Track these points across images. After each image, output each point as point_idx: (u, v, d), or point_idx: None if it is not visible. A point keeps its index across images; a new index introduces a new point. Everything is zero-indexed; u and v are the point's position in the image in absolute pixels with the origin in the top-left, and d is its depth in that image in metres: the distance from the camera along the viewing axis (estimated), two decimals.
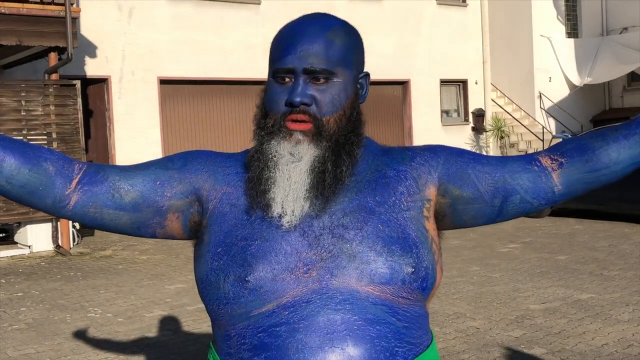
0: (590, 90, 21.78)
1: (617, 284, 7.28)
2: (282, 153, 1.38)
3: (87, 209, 1.46)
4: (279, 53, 1.40)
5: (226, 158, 1.53)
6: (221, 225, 1.43)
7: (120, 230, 1.50)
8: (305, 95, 1.37)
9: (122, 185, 1.46)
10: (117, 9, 13.84)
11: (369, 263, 1.35)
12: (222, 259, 1.39)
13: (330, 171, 1.37)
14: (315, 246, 1.36)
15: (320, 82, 1.39)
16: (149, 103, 14.29)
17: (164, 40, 14.44)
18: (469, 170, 1.47)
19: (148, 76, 14.26)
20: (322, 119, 1.38)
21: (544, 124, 20.55)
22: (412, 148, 1.54)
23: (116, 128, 13.89)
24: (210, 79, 15.06)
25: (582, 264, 8.38)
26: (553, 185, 1.46)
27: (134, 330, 6.14)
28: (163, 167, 1.50)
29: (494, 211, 1.47)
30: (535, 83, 20.82)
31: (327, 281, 1.34)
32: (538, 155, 1.49)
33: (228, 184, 1.47)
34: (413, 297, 1.38)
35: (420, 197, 1.45)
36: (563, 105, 21.13)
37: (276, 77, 1.40)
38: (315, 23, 1.41)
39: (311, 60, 1.37)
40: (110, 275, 8.68)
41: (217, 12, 15.11)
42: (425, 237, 1.42)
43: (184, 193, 1.47)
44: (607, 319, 5.97)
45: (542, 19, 20.88)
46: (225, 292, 1.37)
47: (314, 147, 1.38)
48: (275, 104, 1.40)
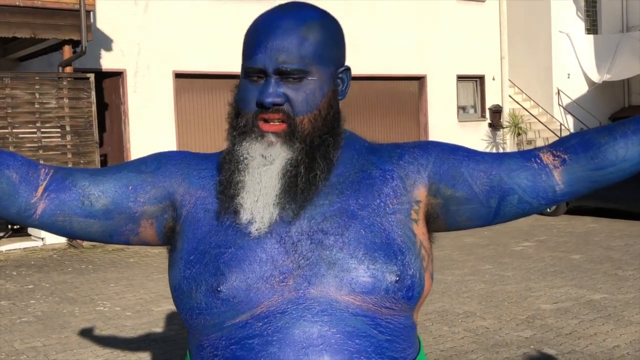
0: (610, 87, 21.52)
1: (632, 284, 7.16)
2: (254, 155, 1.30)
3: (55, 218, 1.38)
4: (249, 50, 1.32)
5: (201, 160, 1.44)
6: (194, 232, 1.35)
7: (91, 238, 1.42)
8: (277, 95, 1.29)
9: (92, 191, 1.38)
10: (133, 2, 13.83)
11: (350, 271, 1.26)
12: (194, 267, 1.31)
13: (303, 175, 1.29)
14: (292, 253, 1.28)
15: (293, 80, 1.30)
16: (164, 97, 14.29)
17: (180, 33, 14.42)
18: (462, 168, 1.37)
19: (163, 70, 14.25)
20: (295, 118, 1.30)
21: (561, 121, 20.34)
22: (402, 145, 1.43)
23: (131, 122, 13.90)
24: (226, 73, 15.02)
25: (597, 263, 8.26)
26: (554, 184, 1.35)
27: (142, 324, 6.12)
28: (136, 170, 1.41)
29: (490, 212, 1.38)
30: (553, 79, 20.60)
31: (304, 290, 1.26)
32: (538, 151, 1.38)
33: (203, 188, 1.39)
34: (398, 307, 1.29)
35: (407, 198, 1.36)
36: (581, 102, 20.90)
37: (247, 75, 1.32)
38: (288, 17, 1.32)
39: (282, 59, 1.28)
40: (121, 269, 8.68)
41: (234, 6, 15.07)
42: (413, 243, 1.33)
43: (157, 198, 1.40)
44: (620, 320, 5.87)
45: (561, 15, 20.65)
46: (198, 302, 1.29)
47: (286, 149, 1.30)
48: (247, 103, 1.32)
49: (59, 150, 10.29)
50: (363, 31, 16.53)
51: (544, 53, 20.64)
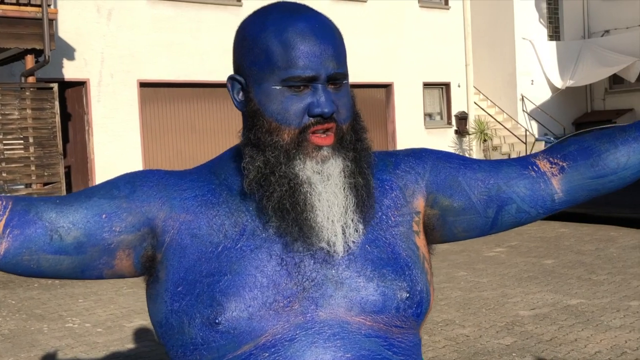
0: (572, 93, 21.81)
1: (606, 288, 7.18)
2: (309, 173, 1.17)
3: (20, 257, 1.20)
4: (290, 57, 1.17)
5: (179, 179, 1.29)
6: (181, 260, 1.21)
7: (61, 276, 1.25)
8: (333, 104, 1.18)
9: (60, 223, 1.21)
10: (95, 10, 13.59)
11: (359, 290, 1.17)
12: (184, 299, 1.19)
13: (363, 185, 1.20)
14: (295, 275, 1.18)
15: (336, 86, 1.20)
16: (129, 106, 14.05)
17: (144, 42, 14.21)
18: (459, 177, 1.31)
19: (128, 79, 14.03)
20: (342, 126, 1.20)
21: (526, 126, 20.53)
22: (395, 153, 1.36)
23: (95, 132, 13.63)
24: (191, 81, 14.85)
25: (570, 268, 8.28)
26: (553, 193, 1.30)
27: (114, 341, 5.93)
28: (108, 196, 1.24)
29: (488, 222, 1.32)
30: (517, 86, 20.81)
31: (312, 313, 1.16)
32: (535, 158, 1.32)
33: (186, 211, 1.24)
34: (407, 325, 1.21)
35: (408, 209, 1.28)
36: (545, 108, 21.14)
37: (288, 84, 1.18)
38: (318, 18, 1.22)
39: (333, 65, 1.18)
40: (89, 284, 8.45)
41: (197, 14, 14.91)
42: (417, 256, 1.26)
43: (135, 226, 1.23)
44: (599, 325, 5.85)
45: (524, 22, 20.89)
46: (192, 337, 1.17)
47: (340, 161, 1.19)
48: (292, 115, 1.18)
49: (22, 162, 10.02)
50: None
51: (507, 60, 20.84)
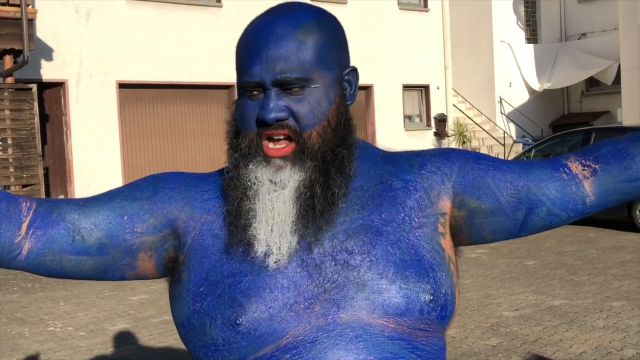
0: (550, 95, 22.02)
1: (588, 289, 7.24)
2: (262, 180, 1.17)
3: (43, 258, 1.21)
4: (243, 62, 1.19)
5: (201, 181, 1.30)
6: (202, 261, 1.21)
7: (84, 276, 1.26)
8: (280, 109, 1.16)
9: (83, 224, 1.22)
10: (74, 11, 13.46)
11: (381, 292, 1.15)
12: (205, 299, 1.18)
13: (320, 195, 1.17)
14: (316, 276, 1.16)
15: (294, 91, 1.17)
16: (108, 107, 13.93)
17: (123, 43, 14.10)
18: (487, 178, 1.27)
19: (106, 80, 13.91)
20: (302, 133, 1.17)
21: (504, 128, 20.68)
22: (421, 153, 1.33)
23: (73, 133, 13.50)
24: (171, 83, 14.77)
25: (551, 269, 8.34)
26: (584, 196, 1.27)
27: (97, 344, 5.86)
28: (130, 197, 1.26)
29: (516, 225, 1.29)
30: (495, 88, 20.97)
31: (333, 315, 1.15)
32: (567, 160, 1.30)
33: (208, 212, 1.25)
34: (431, 329, 1.19)
35: (433, 210, 1.26)
36: (523, 110, 21.31)
37: (245, 90, 1.19)
38: (281, 21, 1.19)
39: (280, 69, 1.16)
40: (69, 287, 8.35)
41: (177, 15, 14.83)
42: (442, 258, 1.23)
43: (157, 227, 1.25)
44: (583, 325, 5.90)
45: (502, 25, 21.05)
46: (213, 337, 1.16)
47: (297, 170, 1.17)
48: (247, 121, 1.19)
49: (1, 164, 9.89)
50: None
51: (486, 62, 20.98)
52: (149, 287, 8.11)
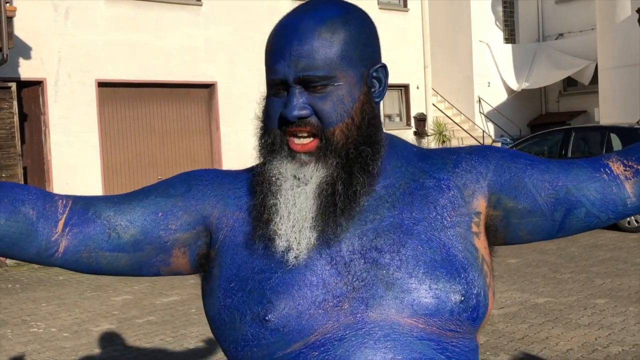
0: (528, 95, 22.19)
1: (571, 287, 7.30)
2: (286, 176, 1.18)
3: (79, 255, 1.22)
4: (269, 60, 1.21)
5: (234, 178, 1.30)
6: (233, 257, 1.22)
7: (119, 273, 1.27)
8: (302, 107, 1.16)
9: (118, 221, 1.23)
10: (52, 9, 13.31)
11: (410, 292, 1.14)
12: (236, 295, 1.19)
13: (341, 193, 1.17)
14: (345, 274, 1.16)
15: (318, 89, 1.17)
16: (87, 106, 13.79)
17: (102, 41, 13.97)
18: (525, 178, 1.24)
19: (85, 79, 13.77)
20: (326, 131, 1.17)
21: (483, 128, 20.81)
22: (457, 151, 1.31)
23: (52, 133, 13.34)
24: (150, 81, 14.66)
25: (534, 267, 8.40)
26: (625, 197, 1.24)
27: (82, 345, 5.80)
28: (164, 195, 1.27)
29: (555, 226, 1.26)
30: (474, 88, 21.09)
31: (362, 314, 1.14)
32: (607, 160, 1.27)
33: (240, 209, 1.25)
34: (462, 330, 1.18)
35: (467, 210, 1.24)
36: (501, 109, 21.45)
37: (271, 88, 1.21)
38: (306, 18, 1.19)
39: (303, 66, 1.16)
40: (51, 287, 8.26)
41: (156, 13, 14.73)
42: (475, 258, 1.21)
43: (190, 224, 1.25)
44: (568, 323, 5.94)
45: (480, 25, 21.18)
46: (243, 333, 1.17)
47: (321, 166, 1.17)
48: (272, 119, 1.20)
49: None
50: None
51: (465, 62, 21.10)
52: (132, 287, 8.05)
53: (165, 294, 7.70)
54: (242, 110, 15.80)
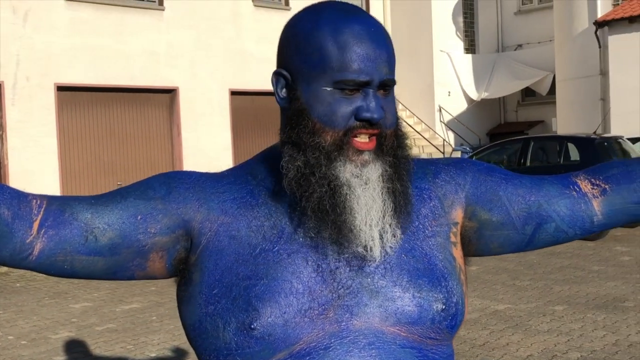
0: (487, 104, 22.48)
1: (531, 294, 7.41)
2: (348, 176, 1.16)
3: (54, 258, 1.17)
4: (345, 59, 1.15)
5: (216, 182, 1.27)
6: (217, 262, 1.19)
7: (93, 277, 1.23)
8: (381, 109, 1.17)
9: (96, 224, 1.18)
10: (11, 11, 13.09)
11: (395, 300, 1.16)
12: (219, 302, 1.16)
13: (400, 191, 1.19)
14: (330, 282, 1.16)
15: (385, 92, 1.19)
16: (46, 110, 13.58)
17: (62, 44, 13.78)
18: (500, 191, 1.29)
19: (44, 82, 13.56)
20: (386, 132, 1.19)
21: (444, 136, 21.02)
22: (435, 162, 1.35)
23: (9, 137, 13.10)
24: (111, 86, 14.49)
25: (494, 274, 8.51)
26: (593, 215, 1.29)
27: (40, 353, 5.70)
28: (143, 197, 1.22)
29: (525, 239, 1.30)
30: (435, 97, 21.29)
31: (347, 322, 1.15)
32: (577, 178, 1.32)
33: (225, 213, 1.22)
34: (440, 337, 1.20)
35: (446, 220, 1.27)
36: (461, 118, 21.70)
37: (340, 87, 1.16)
38: (372, 22, 1.20)
39: (386, 70, 1.17)
40: (7, 294, 8.10)
41: (118, 17, 14.58)
42: (453, 267, 1.24)
43: (170, 227, 1.21)
44: (528, 329, 6.03)
45: (441, 35, 21.40)
46: (226, 341, 1.15)
47: (379, 166, 1.17)
48: (339, 118, 1.16)
49: None
50: (253, 46, 16.45)
51: (426, 71, 21.30)
52: (91, 294, 7.93)
53: (125, 301, 7.61)
54: (204, 116, 15.71)
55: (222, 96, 16.08)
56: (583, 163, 11.05)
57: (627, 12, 16.71)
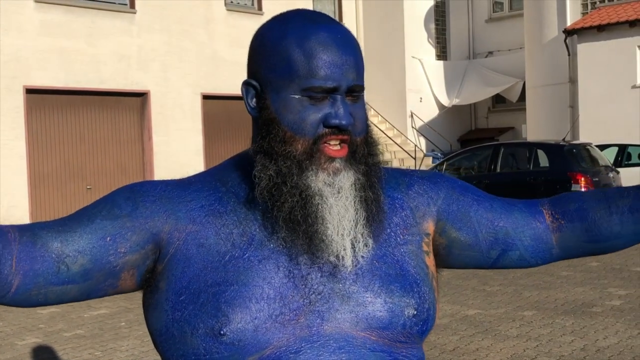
0: (458, 110, 22.67)
1: (500, 299, 7.47)
2: (319, 185, 1.16)
3: (29, 293, 1.15)
4: (312, 67, 1.16)
5: (182, 190, 1.26)
6: (184, 270, 1.18)
7: (66, 302, 1.21)
8: (350, 115, 1.17)
9: (66, 252, 1.16)
10: None
11: (366, 305, 1.17)
12: (186, 308, 1.16)
13: (373, 199, 1.19)
14: (302, 287, 1.16)
15: (354, 98, 1.19)
16: (14, 113, 13.41)
17: (31, 47, 13.62)
18: (471, 212, 1.31)
19: (13, 85, 13.39)
20: (356, 139, 1.19)
21: (415, 142, 21.15)
22: (409, 174, 1.36)
23: None
24: (81, 89, 14.36)
25: (464, 279, 8.56)
26: (552, 247, 1.33)
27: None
28: (110, 217, 1.20)
29: (488, 262, 1.33)
30: (407, 103, 21.42)
31: (317, 327, 1.15)
32: (543, 207, 1.34)
33: (193, 222, 1.21)
34: (411, 341, 1.22)
35: (418, 230, 1.28)
36: (433, 124, 21.85)
37: (308, 94, 1.16)
38: (341, 29, 1.20)
39: (354, 76, 1.17)
40: None
41: (89, 19, 14.46)
42: (426, 274, 1.25)
43: (139, 244, 1.19)
44: (497, 335, 6.07)
45: (413, 41, 21.55)
46: (194, 347, 1.14)
47: (352, 174, 1.18)
48: (308, 126, 1.16)
49: None
50: (226, 50, 16.40)
51: (398, 77, 21.42)
52: None
53: (93, 307, 7.52)
54: (175, 120, 15.62)
55: (193, 100, 16.01)
56: (552, 169, 11.18)
57: (596, 20, 16.97)
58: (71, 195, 14.35)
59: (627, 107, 16.41)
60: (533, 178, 11.34)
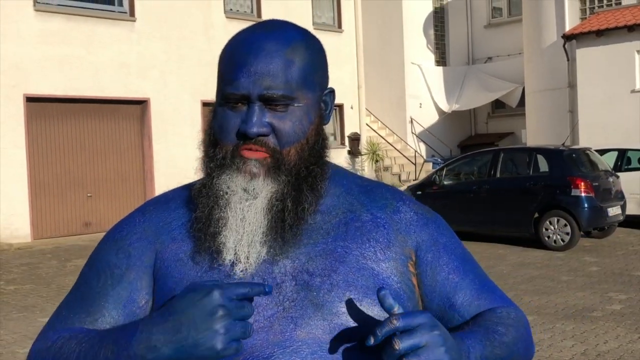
0: (458, 116, 22.70)
1: None
2: (235, 189, 1.18)
3: None
4: (229, 74, 1.19)
5: (163, 210, 1.30)
6: (162, 287, 1.22)
7: None
8: (262, 124, 1.18)
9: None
10: None
11: (339, 315, 1.17)
12: None
13: (291, 209, 1.19)
14: (276, 295, 1.17)
15: (279, 108, 1.19)
16: (14, 122, 13.43)
17: (31, 55, 13.65)
18: (438, 276, 1.28)
19: (13, 93, 13.41)
20: (282, 151, 1.19)
21: (415, 148, 21.17)
22: (402, 199, 1.34)
23: None
24: (81, 97, 14.38)
25: None
26: None
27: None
28: (116, 281, 1.25)
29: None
30: (407, 108, 21.45)
31: (290, 332, 1.16)
32: (476, 315, 1.30)
33: (174, 240, 1.26)
34: None
35: (401, 250, 1.26)
36: (433, 130, 21.87)
37: (227, 101, 1.20)
38: (272, 37, 1.20)
39: (268, 85, 1.17)
40: None
41: (88, 28, 14.49)
42: (413, 292, 1.25)
43: (149, 283, 1.26)
44: None
45: (413, 47, 21.60)
46: None
47: (271, 182, 1.19)
48: (227, 132, 1.20)
49: None
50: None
51: (397, 83, 21.46)
52: None
53: None
54: (175, 127, 15.64)
55: (193, 107, 16.04)
56: (552, 174, 11.19)
57: (595, 25, 17.00)
58: (71, 203, 14.36)
59: (627, 111, 16.43)
60: (533, 183, 11.34)
